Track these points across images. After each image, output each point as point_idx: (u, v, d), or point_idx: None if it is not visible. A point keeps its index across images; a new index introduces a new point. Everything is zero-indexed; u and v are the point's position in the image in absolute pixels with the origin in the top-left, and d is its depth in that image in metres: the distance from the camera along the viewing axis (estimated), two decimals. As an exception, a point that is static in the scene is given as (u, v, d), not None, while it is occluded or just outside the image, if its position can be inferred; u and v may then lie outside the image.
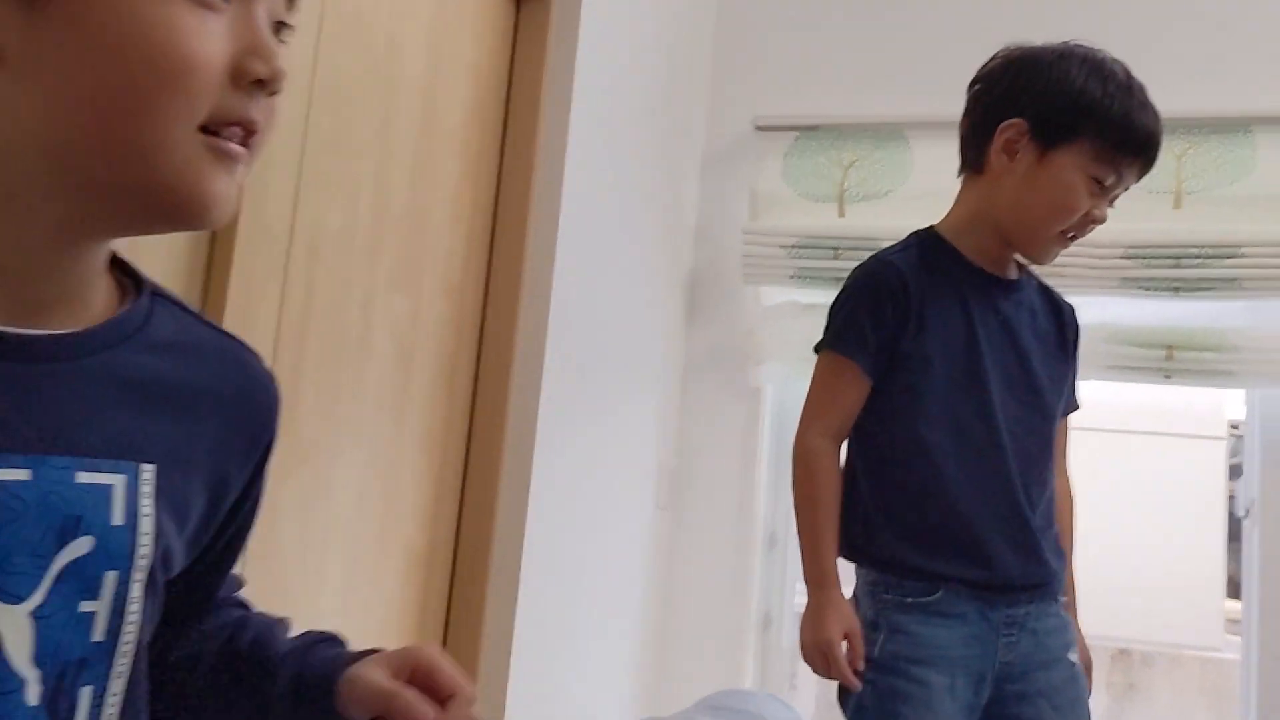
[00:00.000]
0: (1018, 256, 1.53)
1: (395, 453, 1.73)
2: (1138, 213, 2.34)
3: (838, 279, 2.54)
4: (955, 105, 2.63)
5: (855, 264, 2.50)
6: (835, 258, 2.48)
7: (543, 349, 1.95)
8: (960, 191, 1.53)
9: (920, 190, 2.46)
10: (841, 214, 2.55)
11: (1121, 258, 2.32)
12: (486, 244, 1.97)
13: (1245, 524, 2.40)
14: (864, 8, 2.69)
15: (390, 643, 1.65)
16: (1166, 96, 2.39)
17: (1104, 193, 1.43)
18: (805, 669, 1.50)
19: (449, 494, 1.88)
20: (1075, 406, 1.59)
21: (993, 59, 1.50)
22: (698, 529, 2.61)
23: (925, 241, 1.52)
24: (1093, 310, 2.40)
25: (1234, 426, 9.53)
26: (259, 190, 1.40)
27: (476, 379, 1.95)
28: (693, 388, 2.68)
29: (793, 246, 2.53)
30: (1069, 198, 1.41)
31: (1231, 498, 9.37)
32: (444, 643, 1.88)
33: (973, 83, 1.51)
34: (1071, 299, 2.37)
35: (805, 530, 1.45)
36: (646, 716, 2.32)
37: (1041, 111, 1.42)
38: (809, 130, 2.61)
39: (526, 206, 1.97)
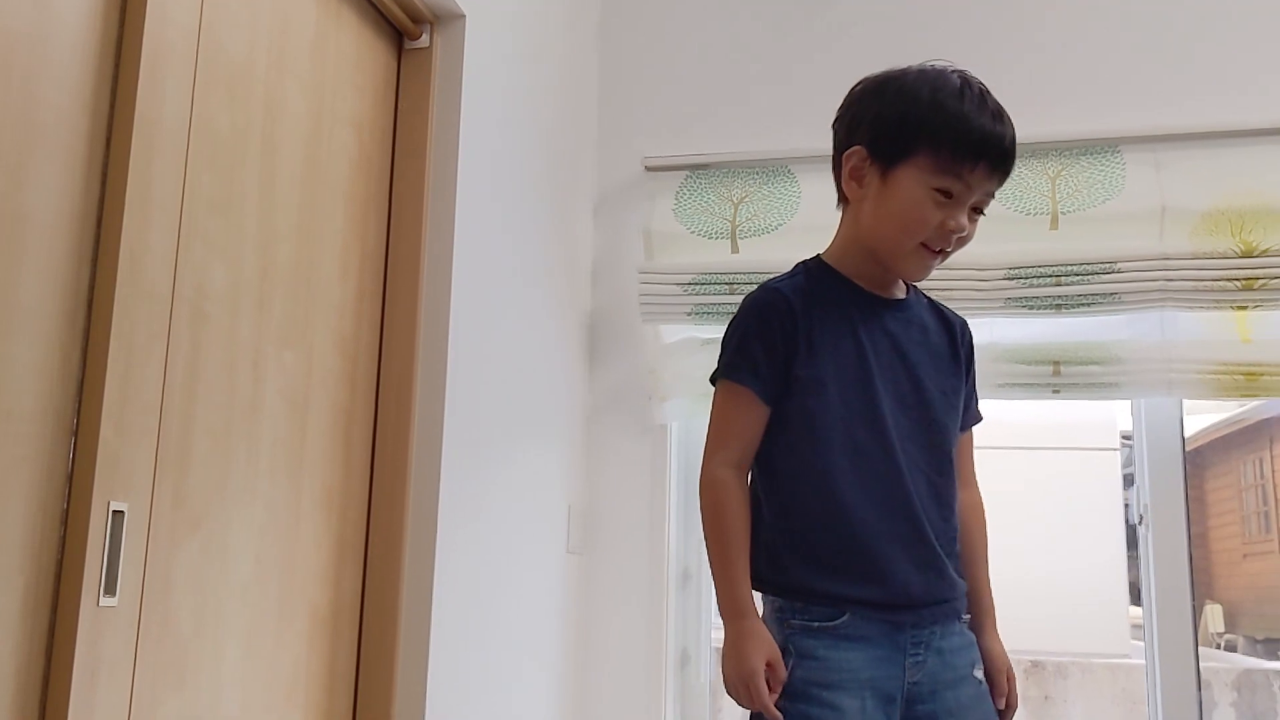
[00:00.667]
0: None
1: (293, 513, 1.69)
2: (1017, 234, 2.43)
3: (732, 314, 2.58)
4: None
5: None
6: (731, 292, 2.51)
7: (442, 398, 1.93)
8: (840, 221, 1.57)
9: (809, 223, 2.51)
10: (735, 249, 2.58)
11: (1004, 279, 2.39)
12: (378, 295, 1.94)
13: (1141, 531, 2.48)
14: (746, 46, 2.74)
15: (297, 707, 1.61)
16: (1039, 121, 2.50)
17: (955, 203, 1.43)
18: (728, 704, 1.49)
19: (351, 552, 1.84)
20: (977, 419, 1.62)
21: (846, 96, 1.54)
22: (610, 570, 2.60)
23: (811, 269, 1.55)
24: (980, 331, 2.45)
25: (1125, 437, 9.88)
26: (136, 251, 1.36)
27: (375, 432, 1.91)
28: (597, 429, 2.68)
29: (689, 284, 2.55)
30: (915, 212, 1.43)
31: (1127, 506, 9.72)
32: (354, 703, 1.83)
33: (834, 121, 1.55)
34: (957, 321, 2.46)
35: (717, 562, 1.45)
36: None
37: (876, 135, 1.46)
38: (698, 169, 2.65)
39: (418, 256, 1.96)
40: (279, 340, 1.67)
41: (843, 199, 1.54)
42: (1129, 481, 9.41)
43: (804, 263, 1.57)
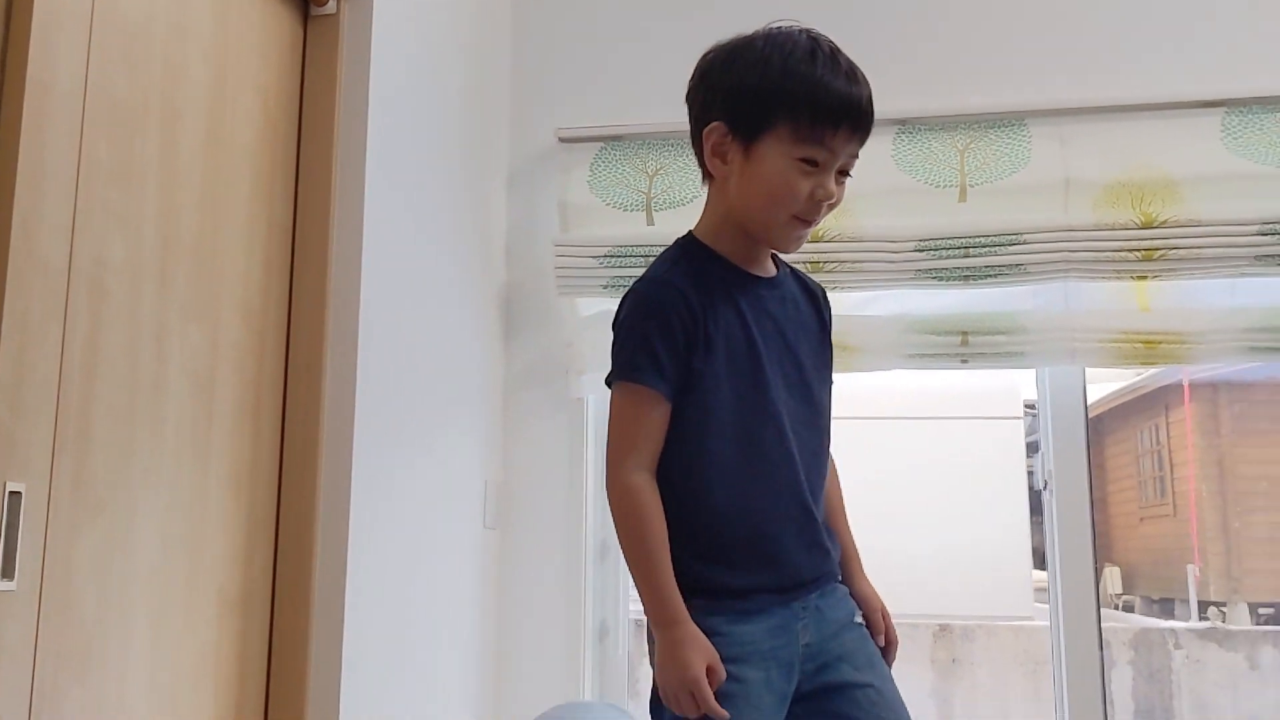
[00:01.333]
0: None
1: (200, 493, 1.65)
2: (927, 207, 2.46)
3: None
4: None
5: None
6: (647, 265, 2.49)
7: (354, 374, 1.89)
8: (707, 196, 1.54)
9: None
10: (650, 222, 2.57)
11: (914, 251, 2.42)
12: (286, 268, 1.90)
13: (1045, 496, 2.54)
14: (658, 17, 2.73)
15: (207, 692, 1.58)
16: (948, 95, 2.53)
17: (821, 170, 1.41)
18: (646, 674, 1.49)
19: (262, 532, 1.80)
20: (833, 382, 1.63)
21: (699, 63, 1.51)
22: (528, 544, 2.59)
23: (691, 251, 1.51)
24: (890, 303, 2.51)
25: (1029, 406, 10.14)
26: (29, 223, 1.31)
27: (284, 410, 1.87)
28: (514, 403, 2.66)
29: (604, 256, 2.54)
30: (783, 185, 1.41)
31: (1030, 473, 9.97)
32: (267, 686, 1.80)
33: (687, 94, 1.53)
34: (868, 293, 2.49)
35: (641, 570, 1.41)
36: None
37: (732, 110, 1.43)
38: (612, 140, 2.63)
39: (327, 228, 1.91)
40: (183, 315, 1.62)
41: (707, 175, 1.51)
42: (1032, 449, 9.68)
43: (681, 244, 1.53)
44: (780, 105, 1.40)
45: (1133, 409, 11.06)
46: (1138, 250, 2.34)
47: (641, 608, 1.48)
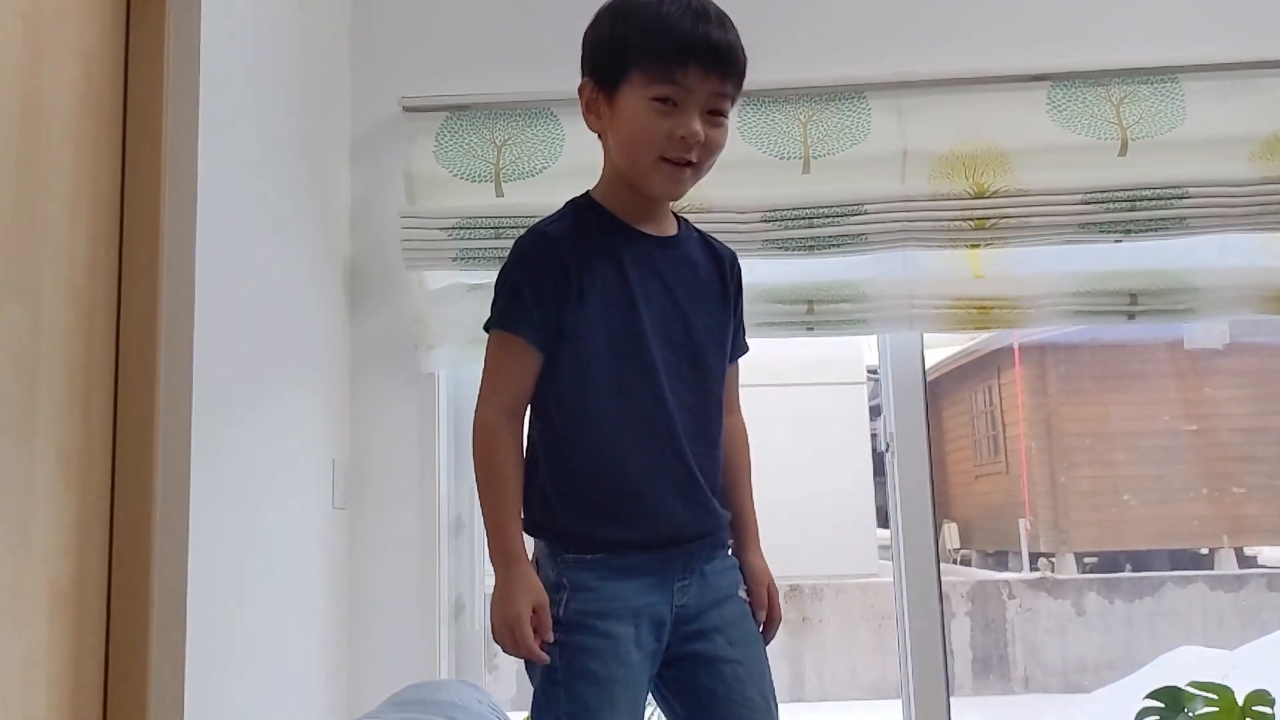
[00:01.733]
0: (674, 210, 1.59)
1: (26, 480, 1.56)
2: (772, 179, 2.51)
3: (501, 258, 2.55)
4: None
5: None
6: (497, 237, 2.47)
7: (190, 353, 1.82)
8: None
9: (573, 166, 2.50)
10: (500, 193, 2.54)
11: (761, 221, 2.46)
12: (114, 243, 1.80)
13: (888, 458, 2.63)
14: (503, -14, 2.69)
15: (39, 691, 1.50)
16: (790, 68, 2.58)
17: (681, 110, 1.44)
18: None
19: (95, 519, 1.72)
20: (744, 350, 1.66)
21: None
22: (379, 523, 2.54)
23: (581, 207, 1.55)
24: (740, 273, 2.55)
25: (871, 371, 10.47)
26: None
27: (117, 392, 1.78)
28: (362, 380, 2.60)
29: (453, 228, 2.50)
30: (640, 126, 1.45)
31: (874, 435, 10.30)
32: (105, 681, 1.72)
33: None
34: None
35: (487, 508, 1.45)
36: (341, 723, 2.24)
37: (595, 63, 1.50)
38: (459, 110, 2.58)
39: (157, 202, 1.82)
40: (1, 294, 1.52)
41: (598, 137, 1.56)
42: (875, 413, 10.02)
43: (574, 201, 1.57)
44: (630, 50, 1.44)
45: (967, 372, 11.55)
46: (971, 219, 2.44)
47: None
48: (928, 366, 2.70)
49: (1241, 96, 2.48)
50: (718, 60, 1.45)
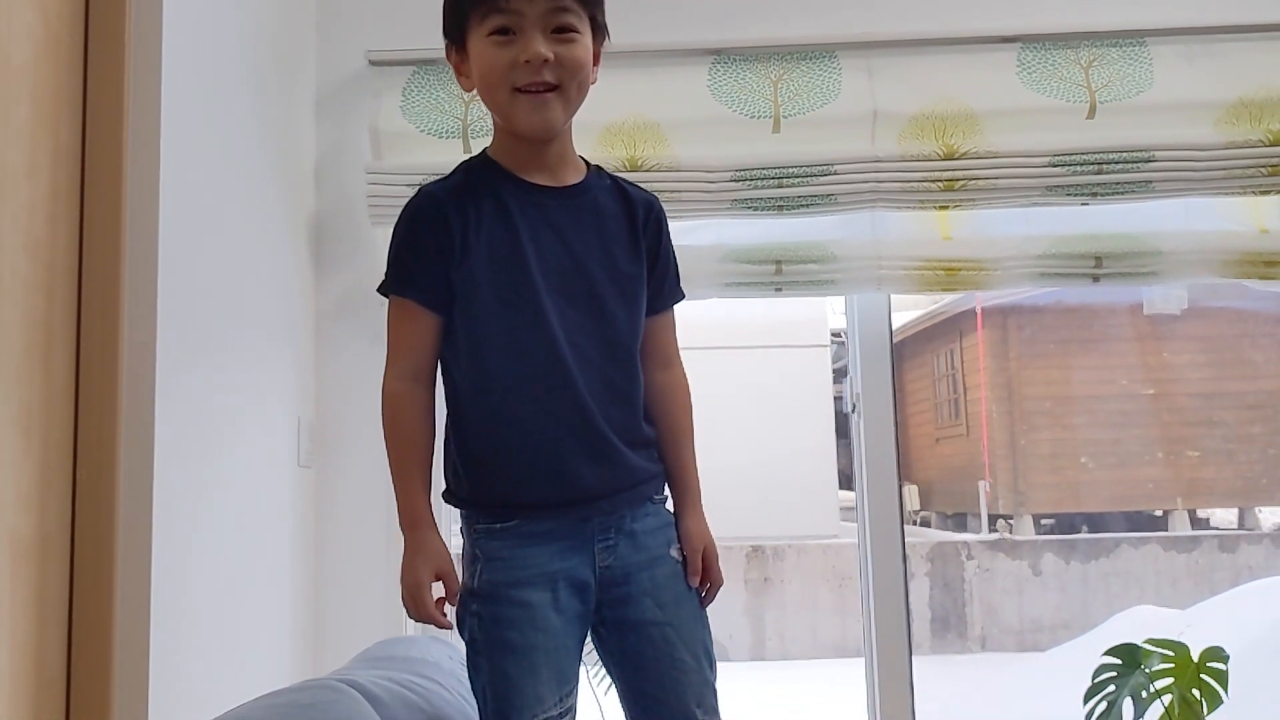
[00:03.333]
0: (585, 159, 1.55)
1: (-13, 436, 1.53)
2: (742, 137, 2.49)
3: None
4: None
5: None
6: (463, 194, 2.44)
7: (154, 308, 1.79)
8: None
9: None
10: (467, 149, 2.51)
11: (730, 181, 2.45)
12: (75, 196, 1.77)
13: (853, 419, 2.65)
14: (471, -62, 2.64)
15: (2, 646, 1.48)
16: (760, 26, 2.56)
17: (520, 35, 1.42)
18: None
19: (57, 475, 1.69)
20: (676, 298, 1.60)
21: None
22: (345, 482, 2.53)
23: (472, 166, 1.52)
24: (708, 232, 2.54)
25: (835, 334, 10.52)
26: None
27: (79, 346, 1.75)
28: (328, 337, 2.57)
29: (419, 184, 2.45)
30: (488, 64, 1.44)
31: (838, 399, 10.36)
32: (69, 635, 1.71)
33: None
34: (686, 222, 2.51)
35: (393, 474, 1.46)
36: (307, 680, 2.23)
37: (446, 26, 1.51)
38: (426, 64, 2.55)
39: (119, 155, 1.78)
40: (-42, 245, 1.49)
41: None
42: (838, 376, 10.09)
43: (466, 160, 1.54)
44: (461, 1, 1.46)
45: (930, 335, 11.64)
46: (940, 180, 2.44)
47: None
48: (892, 329, 2.71)
49: (1208, 61, 2.49)
50: None
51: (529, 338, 1.43)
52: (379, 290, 1.50)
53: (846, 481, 10.00)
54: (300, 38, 2.58)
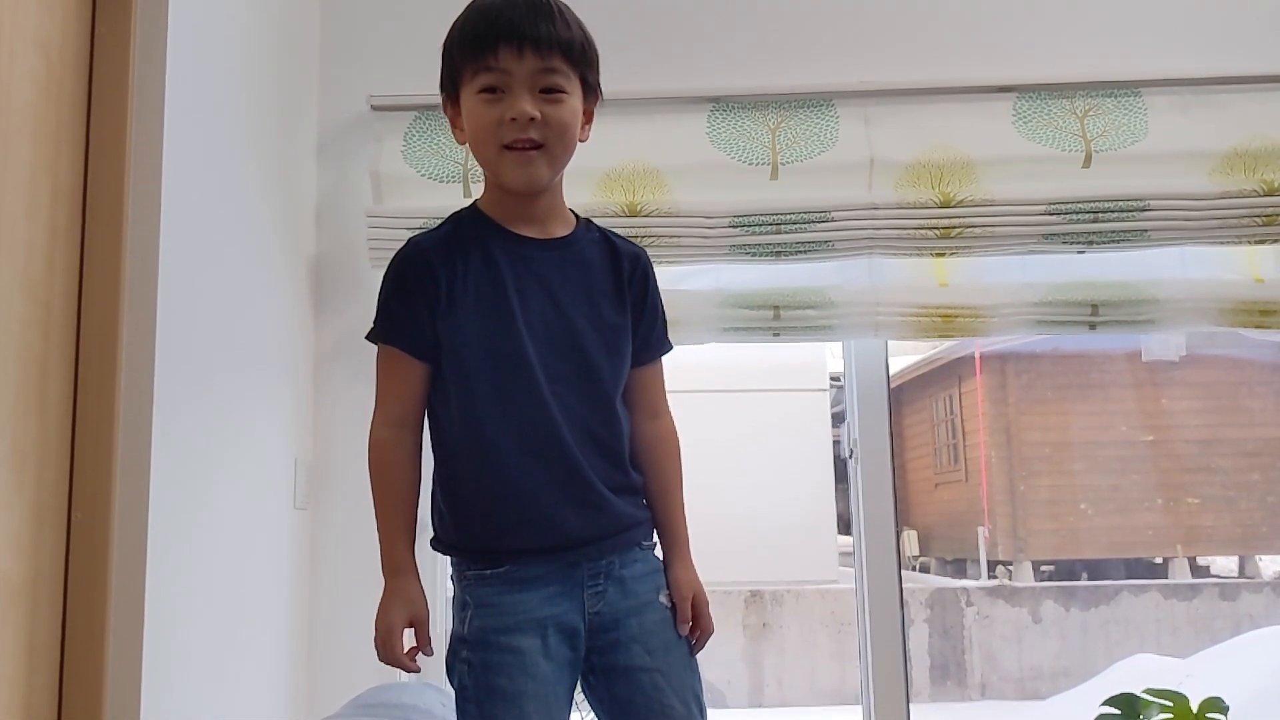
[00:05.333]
0: (575, 211, 1.58)
1: (-19, 476, 1.53)
2: (740, 184, 2.51)
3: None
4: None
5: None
6: (462, 238, 2.46)
7: (152, 349, 1.79)
8: None
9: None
10: (467, 193, 2.53)
11: (728, 226, 2.47)
12: (74, 235, 1.77)
13: (851, 464, 2.64)
14: (473, -14, 2.67)
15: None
16: (758, 74, 2.59)
17: (506, 93, 1.44)
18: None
19: (50, 516, 1.69)
20: (664, 349, 1.61)
21: None
22: (341, 524, 2.52)
23: (461, 218, 1.54)
24: (706, 277, 2.56)
25: (834, 378, 10.52)
26: None
27: (76, 386, 1.75)
28: (326, 379, 2.58)
29: (419, 228, 2.46)
30: (477, 121, 1.47)
31: (836, 443, 10.35)
32: (60, 678, 1.69)
33: None
34: (685, 267, 2.53)
35: (378, 520, 1.48)
36: (299, 726, 2.21)
37: (441, 81, 1.54)
38: (427, 110, 2.57)
39: (121, 195, 1.80)
40: (-43, 285, 1.49)
41: None
42: (837, 420, 10.08)
43: (456, 212, 1.56)
44: (455, 51, 1.49)
45: (928, 380, 11.64)
46: (936, 228, 2.45)
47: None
48: (891, 374, 2.72)
49: (1203, 111, 2.51)
50: (526, 37, 1.43)
51: (515, 388, 1.44)
52: (368, 337, 1.52)
53: (845, 526, 9.96)
54: (303, 81, 2.61)
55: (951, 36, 2.64)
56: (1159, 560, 10.10)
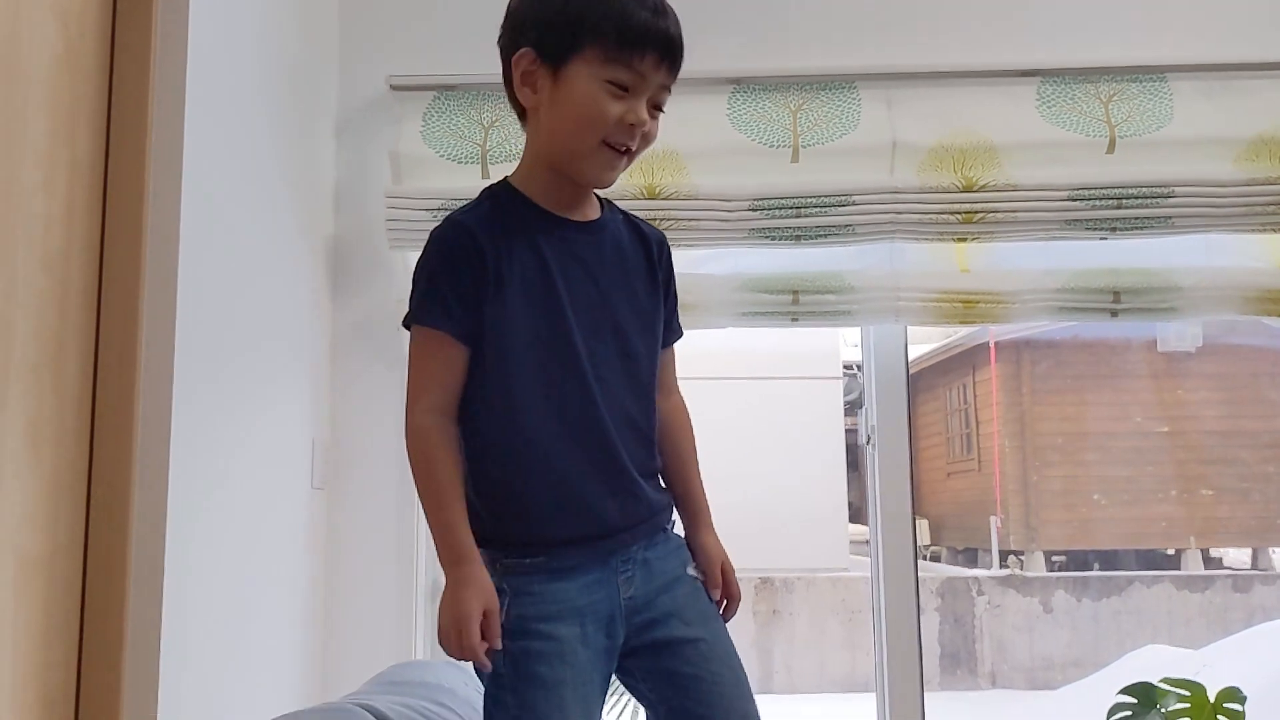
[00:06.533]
0: (597, 193, 1.54)
1: (-1, 451, 1.53)
2: (761, 168, 2.50)
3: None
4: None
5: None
6: (480, 219, 2.44)
7: (172, 327, 1.79)
8: (526, 141, 1.52)
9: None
10: (485, 175, 2.52)
11: (748, 210, 2.45)
12: (94, 210, 1.77)
13: (868, 451, 2.63)
14: (493, -35, 2.66)
15: (3, 661, 1.47)
16: (780, 57, 2.57)
17: (632, 95, 1.41)
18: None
19: (68, 492, 1.69)
20: (678, 335, 1.62)
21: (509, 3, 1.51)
22: (358, 504, 2.52)
23: (498, 195, 1.49)
24: (725, 262, 2.54)
25: (847, 367, 10.48)
26: None
27: (96, 362, 1.75)
28: (344, 360, 2.57)
29: (438, 209, 2.47)
30: (592, 107, 1.40)
31: (848, 431, 10.31)
32: (80, 653, 1.69)
33: (499, 38, 1.50)
34: (703, 251, 2.52)
35: (431, 512, 1.40)
36: (324, 704, 2.22)
37: (541, 34, 1.43)
38: (447, 90, 2.56)
39: (142, 172, 1.79)
40: (-22, 259, 1.49)
41: (520, 112, 1.50)
42: (849, 409, 10.05)
43: (490, 188, 1.51)
44: (588, 27, 1.40)
45: (943, 369, 11.61)
46: (958, 213, 2.43)
47: None
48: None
49: (1228, 97, 2.49)
50: (671, 52, 1.42)
51: (561, 375, 1.41)
52: (405, 323, 1.45)
53: (856, 514, 9.95)
54: (322, 62, 2.60)
55: (975, 20, 2.62)
56: (1171, 552, 10.07)
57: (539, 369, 1.41)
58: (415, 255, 2.49)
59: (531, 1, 1.46)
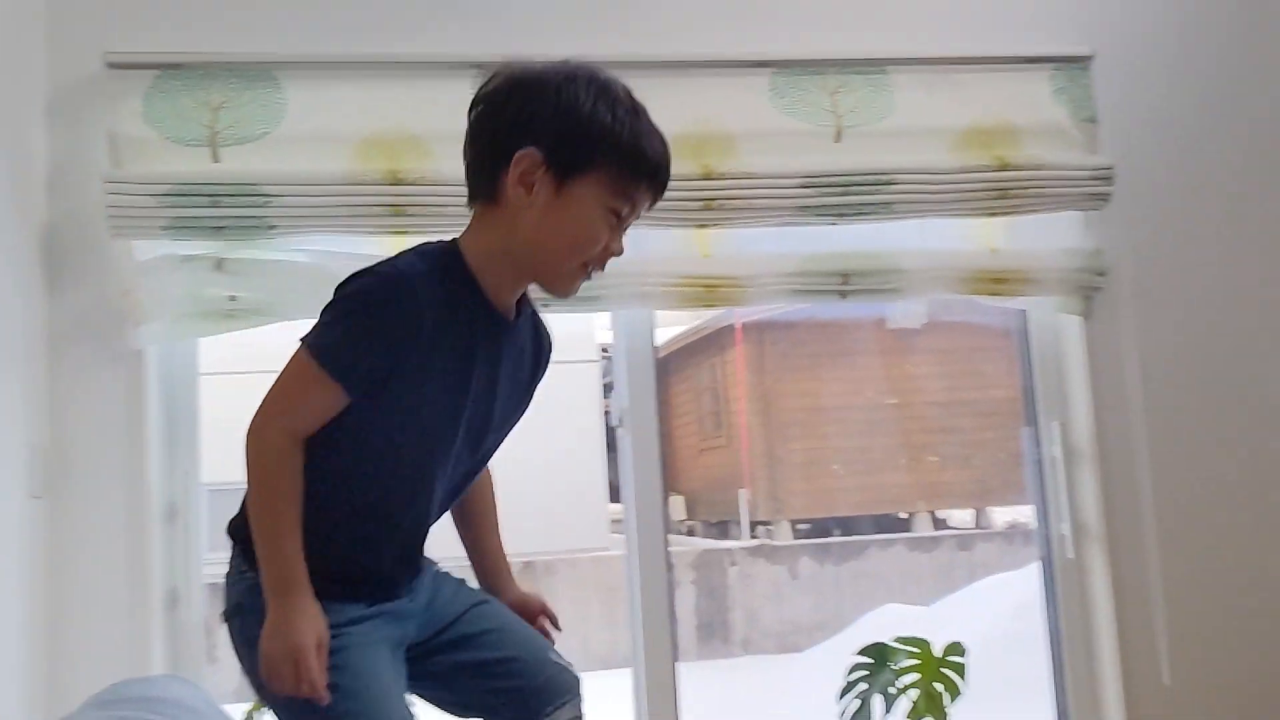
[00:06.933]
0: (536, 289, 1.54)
1: None
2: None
3: (218, 227, 2.39)
4: (327, 44, 2.59)
5: (236, 211, 2.39)
6: (214, 205, 2.32)
7: None
8: (475, 220, 1.47)
9: (295, 133, 2.40)
10: (216, 158, 2.39)
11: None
12: None
13: (620, 433, 2.68)
14: (220, -62, 2.52)
15: None
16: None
17: (621, 225, 1.44)
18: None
19: None
20: None
21: (493, 78, 1.44)
22: (84, 512, 2.34)
23: (452, 272, 1.43)
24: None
25: (603, 350, 10.65)
26: None
27: None
28: (62, 358, 2.38)
29: (164, 195, 2.32)
30: (589, 231, 1.41)
31: (607, 412, 10.47)
32: None
33: (474, 103, 1.45)
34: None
35: (267, 534, 1.36)
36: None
37: (556, 141, 1.38)
38: (170, 69, 2.41)
39: None
40: None
41: (485, 200, 1.44)
42: (606, 390, 10.21)
43: (447, 254, 1.44)
44: (606, 151, 1.38)
45: (693, 350, 11.97)
46: (699, 200, 2.50)
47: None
48: (658, 344, 2.77)
49: (944, 90, 2.66)
50: (663, 188, 1.47)
51: (423, 467, 1.44)
52: (306, 347, 1.37)
53: (616, 494, 10.13)
54: (28, 36, 2.39)
55: (709, 9, 2.68)
56: (904, 515, 10.79)
57: (407, 456, 1.42)
58: (140, 244, 2.37)
59: (552, 106, 1.39)
